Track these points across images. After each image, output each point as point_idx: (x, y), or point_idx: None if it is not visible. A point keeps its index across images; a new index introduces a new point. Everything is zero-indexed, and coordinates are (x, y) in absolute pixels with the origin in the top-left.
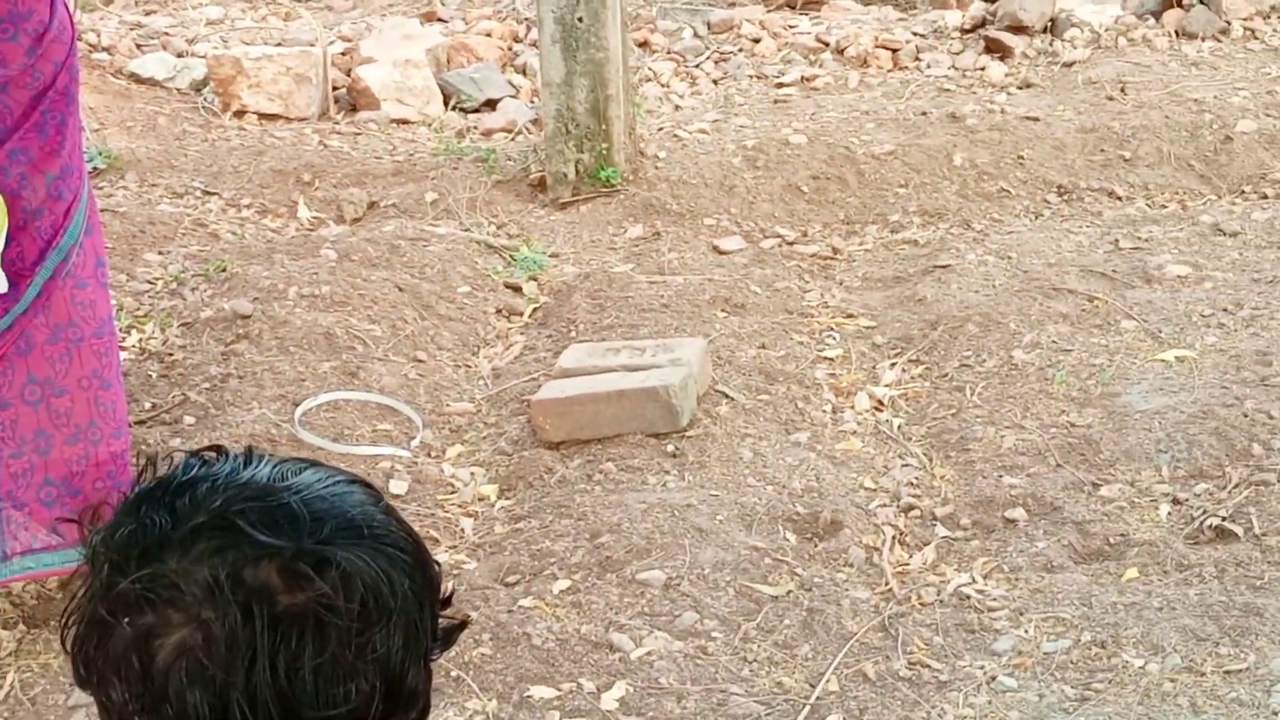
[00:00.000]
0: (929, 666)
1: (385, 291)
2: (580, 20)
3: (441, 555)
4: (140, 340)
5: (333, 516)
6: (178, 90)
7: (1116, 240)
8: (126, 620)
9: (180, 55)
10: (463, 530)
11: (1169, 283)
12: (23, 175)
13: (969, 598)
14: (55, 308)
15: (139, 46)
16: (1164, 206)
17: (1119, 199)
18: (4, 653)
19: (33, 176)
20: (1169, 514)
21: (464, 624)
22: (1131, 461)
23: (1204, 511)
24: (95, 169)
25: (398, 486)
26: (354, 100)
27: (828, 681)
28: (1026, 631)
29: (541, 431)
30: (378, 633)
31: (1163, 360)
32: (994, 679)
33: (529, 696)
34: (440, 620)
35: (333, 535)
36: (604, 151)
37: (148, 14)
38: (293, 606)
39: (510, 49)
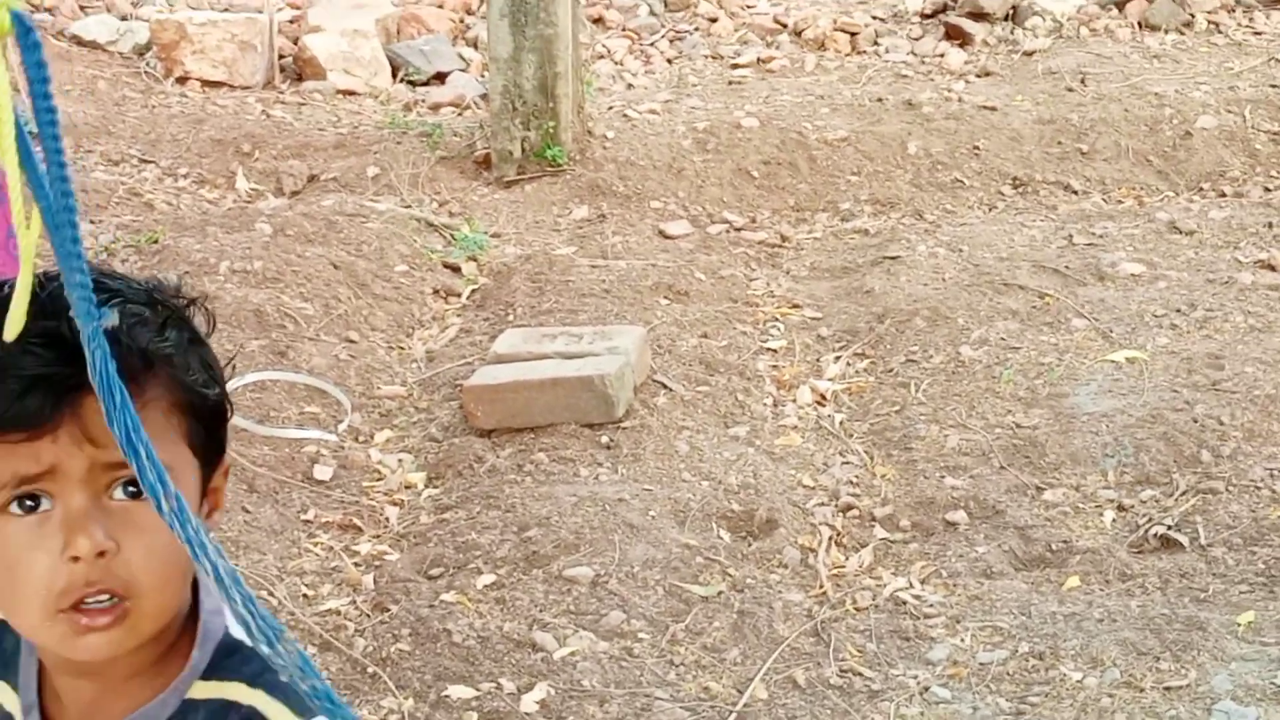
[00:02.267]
0: (861, 674)
1: (320, 269)
2: None
3: (364, 545)
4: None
5: None
6: (120, 54)
7: (1070, 236)
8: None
9: (124, 18)
10: (387, 519)
11: (1122, 281)
12: None
13: (905, 603)
14: None
15: (82, 8)
16: (1120, 202)
17: (1075, 193)
18: None
19: None
20: (1113, 521)
21: None
22: (1077, 465)
23: (1149, 519)
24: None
25: (323, 472)
26: (300, 70)
27: (755, 688)
28: (963, 640)
29: (473, 419)
30: None
31: (1113, 361)
32: (927, 689)
33: (446, 696)
34: None
35: None
36: (551, 130)
37: None
38: None
39: (462, 21)
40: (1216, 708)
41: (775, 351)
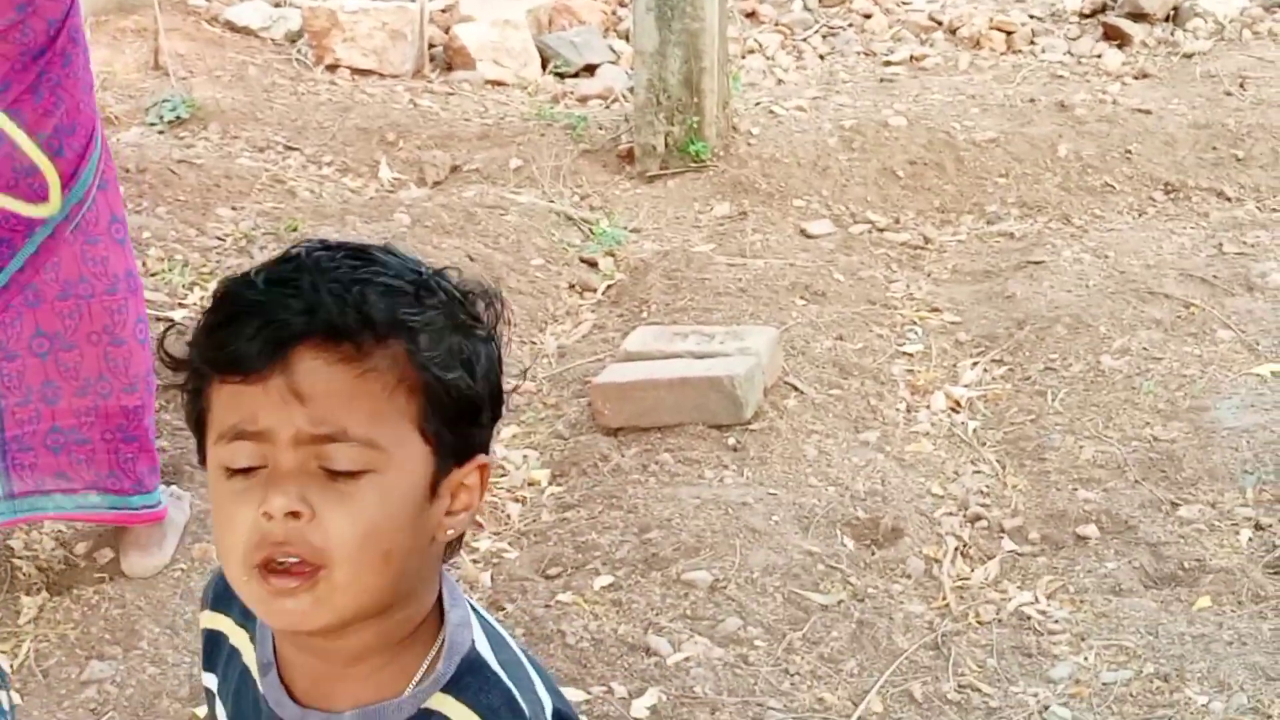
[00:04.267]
0: (979, 690)
1: (456, 260)
2: None
3: (484, 542)
4: (201, 298)
5: None
6: (272, 40)
7: (1220, 244)
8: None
9: (277, 4)
10: (508, 516)
11: (1272, 292)
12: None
13: (1029, 619)
14: (65, 264)
15: None
16: (1275, 210)
17: (1228, 200)
18: (24, 619)
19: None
20: (1250, 540)
21: None
22: (1215, 481)
23: None
24: (178, 118)
25: None
26: (450, 59)
27: (871, 701)
28: (1086, 659)
29: (600, 416)
30: None
31: (1258, 375)
32: (1047, 708)
33: None
34: None
35: None
36: (695, 125)
37: None
38: None
39: (615, 13)
40: None
41: (911, 356)
